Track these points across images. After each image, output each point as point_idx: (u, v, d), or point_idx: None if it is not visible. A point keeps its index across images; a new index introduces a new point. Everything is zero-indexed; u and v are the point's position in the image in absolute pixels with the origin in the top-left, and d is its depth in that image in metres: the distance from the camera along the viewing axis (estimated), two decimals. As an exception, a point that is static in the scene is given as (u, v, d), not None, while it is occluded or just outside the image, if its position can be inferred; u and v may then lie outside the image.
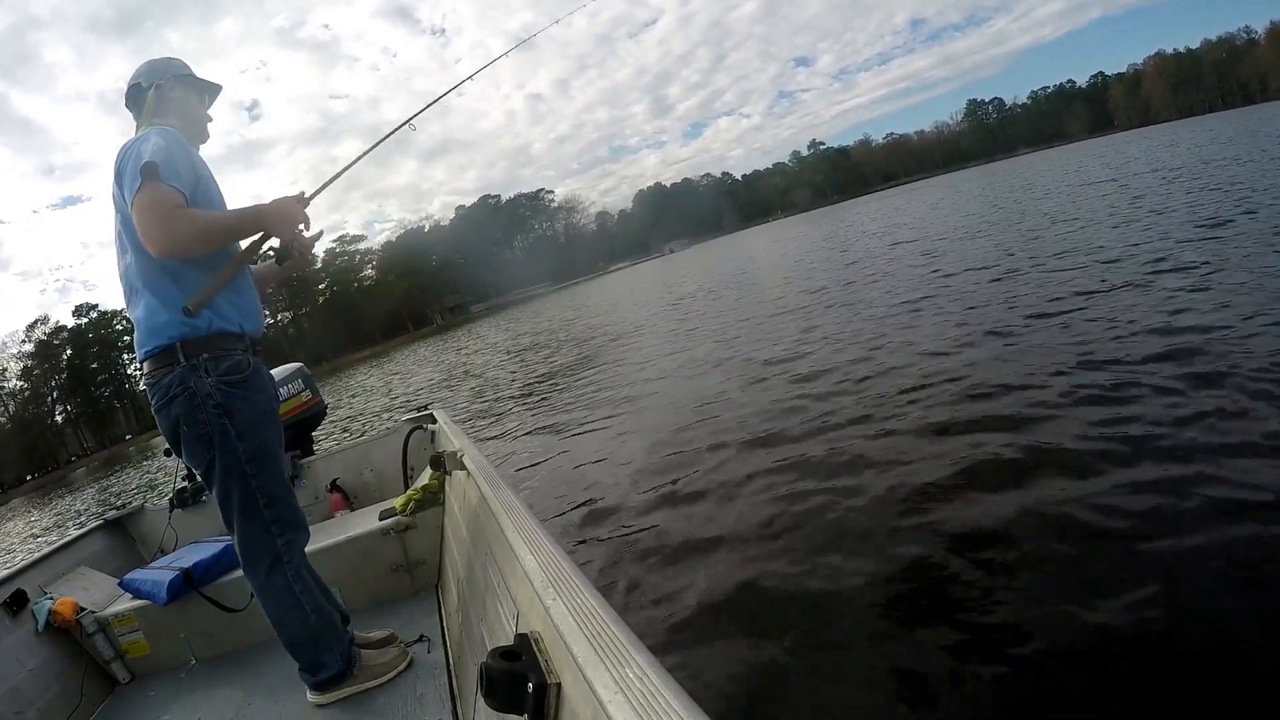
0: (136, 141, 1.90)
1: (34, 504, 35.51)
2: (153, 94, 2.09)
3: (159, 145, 1.86)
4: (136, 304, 1.96)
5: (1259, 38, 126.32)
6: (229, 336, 1.98)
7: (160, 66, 2.14)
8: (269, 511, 2.01)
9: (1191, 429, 3.34)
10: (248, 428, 1.96)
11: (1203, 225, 8.52)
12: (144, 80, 2.11)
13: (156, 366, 1.93)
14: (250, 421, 1.97)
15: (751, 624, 2.70)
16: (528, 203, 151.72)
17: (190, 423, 1.92)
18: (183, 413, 1.91)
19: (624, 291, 29.05)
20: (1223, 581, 2.29)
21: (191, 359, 1.90)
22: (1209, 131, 33.98)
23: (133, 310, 1.98)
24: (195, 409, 1.91)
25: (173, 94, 2.12)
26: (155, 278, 1.93)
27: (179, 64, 2.18)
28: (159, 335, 1.91)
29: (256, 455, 1.98)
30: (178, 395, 1.90)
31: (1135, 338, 4.89)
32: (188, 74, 2.18)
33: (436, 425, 3.32)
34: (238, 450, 1.94)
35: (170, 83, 2.12)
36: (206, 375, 1.91)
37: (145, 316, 1.93)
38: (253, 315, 2.09)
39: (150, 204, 1.79)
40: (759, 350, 8.09)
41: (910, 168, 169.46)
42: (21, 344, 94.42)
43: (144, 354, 1.95)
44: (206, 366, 1.91)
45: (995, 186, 31.30)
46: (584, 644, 0.81)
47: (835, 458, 4.11)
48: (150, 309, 1.93)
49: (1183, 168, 17.40)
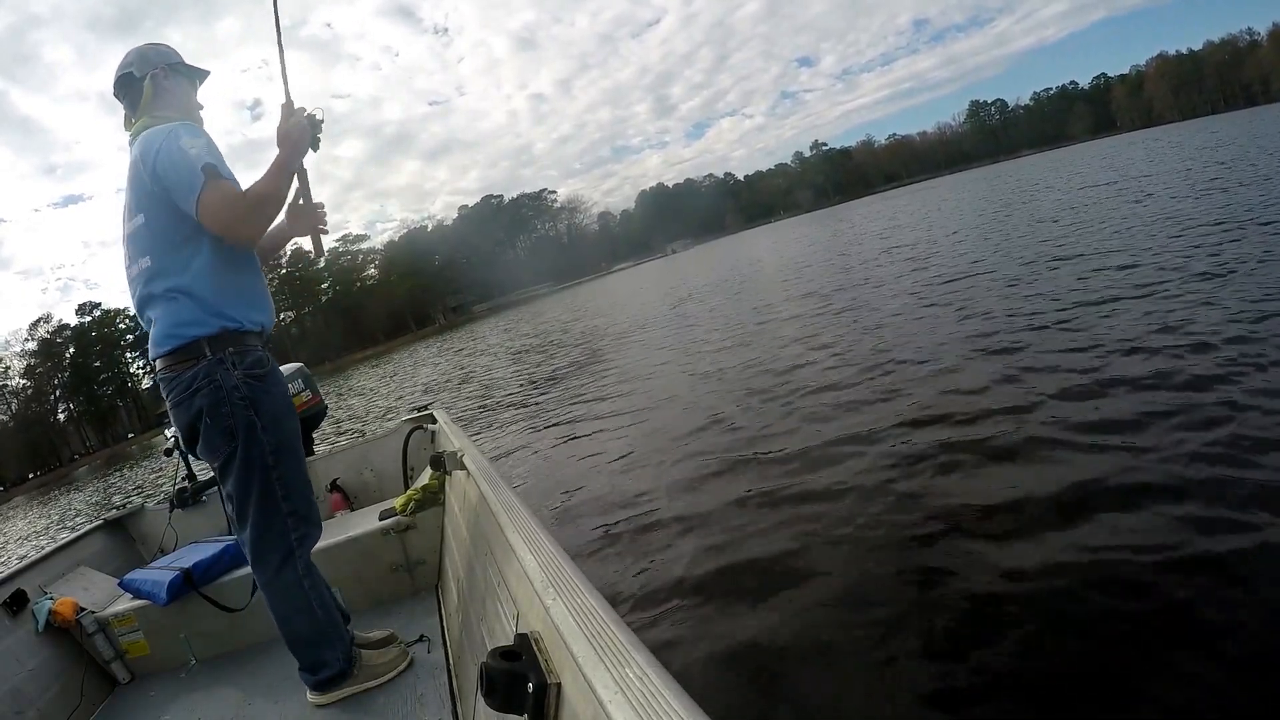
0: (167, 138, 1.88)
1: (37, 502, 35.57)
2: (148, 84, 2.06)
3: (201, 143, 1.88)
4: (158, 301, 1.94)
5: (1261, 39, 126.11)
6: (251, 333, 2.01)
7: (151, 55, 2.10)
8: (287, 504, 2.01)
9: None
10: (271, 421, 1.98)
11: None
12: (136, 70, 2.07)
13: (177, 361, 1.92)
14: (274, 415, 2.00)
15: (752, 624, 2.69)
16: (530, 203, 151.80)
17: (215, 415, 1.92)
18: (207, 405, 1.91)
19: (626, 292, 29.07)
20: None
21: (218, 353, 1.92)
22: (1213, 134, 33.89)
23: (152, 307, 1.96)
24: (220, 401, 1.91)
25: (168, 84, 2.09)
26: (183, 278, 1.92)
27: (169, 51, 2.14)
28: (184, 331, 1.91)
29: (279, 447, 2.00)
30: (202, 388, 1.90)
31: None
32: (178, 61, 2.14)
33: (436, 425, 3.32)
34: (263, 442, 1.96)
35: (164, 72, 2.09)
36: (233, 369, 1.93)
37: (169, 315, 1.92)
38: (268, 310, 2.12)
39: (224, 202, 1.84)
40: (760, 350, 8.09)
41: (913, 169, 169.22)
42: (25, 342, 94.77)
43: (164, 350, 1.93)
44: (233, 360, 1.93)
45: (999, 188, 31.27)
46: (584, 644, 0.81)
47: (837, 458, 4.11)
48: (175, 308, 1.92)
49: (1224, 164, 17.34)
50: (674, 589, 3.10)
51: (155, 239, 1.92)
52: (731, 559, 3.24)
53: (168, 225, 1.92)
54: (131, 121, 2.09)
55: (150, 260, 1.94)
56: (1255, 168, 14.04)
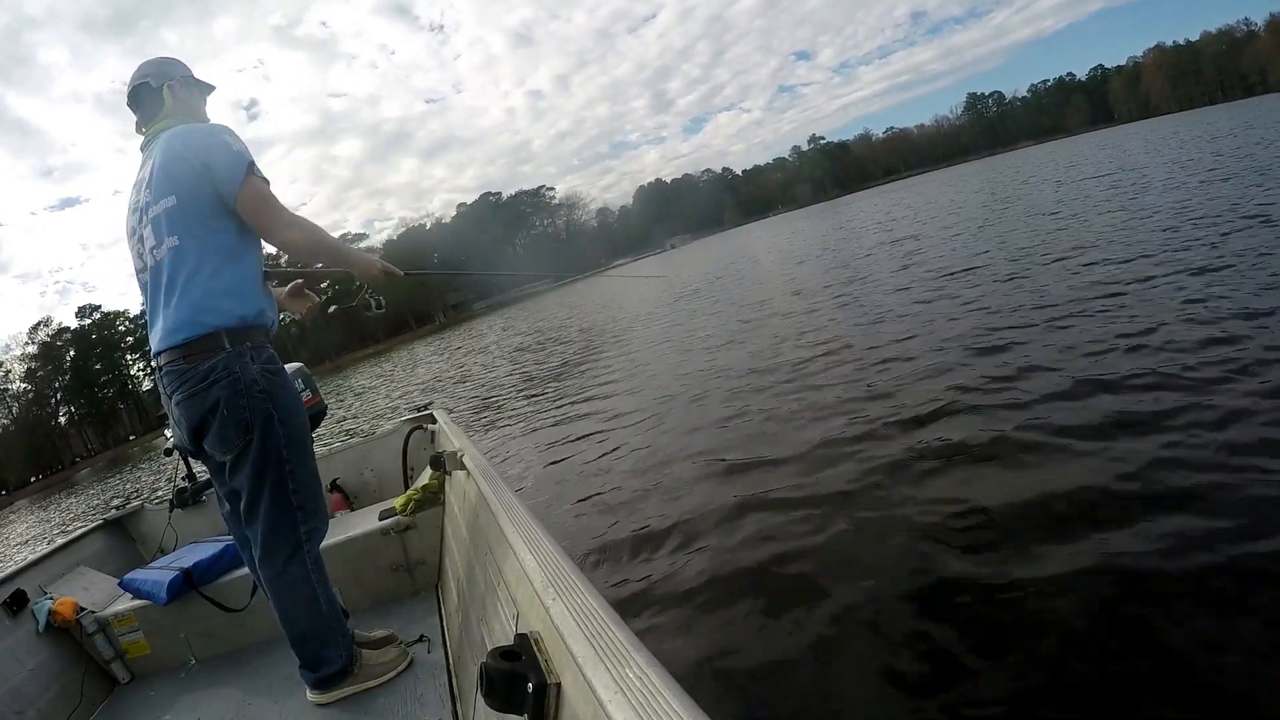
0: (217, 131, 2.00)
1: (38, 505, 35.57)
2: (167, 93, 2.13)
3: (244, 144, 1.99)
4: (173, 291, 1.93)
5: (1259, 30, 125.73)
6: (266, 328, 2.05)
7: (167, 67, 2.16)
8: (297, 498, 2.02)
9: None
10: (288, 414, 2.01)
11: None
12: (153, 80, 2.13)
13: (192, 352, 1.91)
14: (290, 409, 2.02)
15: (752, 624, 2.69)
16: (529, 200, 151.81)
17: (232, 407, 1.91)
18: (225, 396, 1.91)
19: (626, 287, 29.00)
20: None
21: (237, 345, 1.93)
22: (1208, 125, 33.84)
23: (167, 298, 1.95)
24: (239, 394, 1.91)
25: (183, 94, 2.16)
26: (210, 263, 1.94)
27: (182, 65, 2.22)
28: (205, 318, 1.91)
29: (294, 441, 2.02)
30: (220, 379, 1.90)
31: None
32: (188, 74, 2.21)
33: (436, 425, 3.32)
34: (278, 434, 1.97)
35: (179, 83, 2.15)
36: (253, 362, 1.95)
37: (191, 299, 1.92)
38: (273, 312, 2.15)
39: (263, 199, 1.96)
40: (761, 351, 8.09)
41: (910, 162, 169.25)
42: (25, 345, 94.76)
43: (179, 340, 1.91)
44: (252, 354, 1.96)
45: (996, 180, 31.21)
46: (584, 644, 0.81)
47: (839, 458, 4.10)
48: (199, 292, 1.92)
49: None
50: (674, 589, 3.10)
51: (190, 219, 1.93)
52: (732, 559, 3.23)
53: (203, 210, 1.94)
54: (143, 128, 2.14)
55: (179, 240, 1.93)
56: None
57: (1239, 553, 2.36)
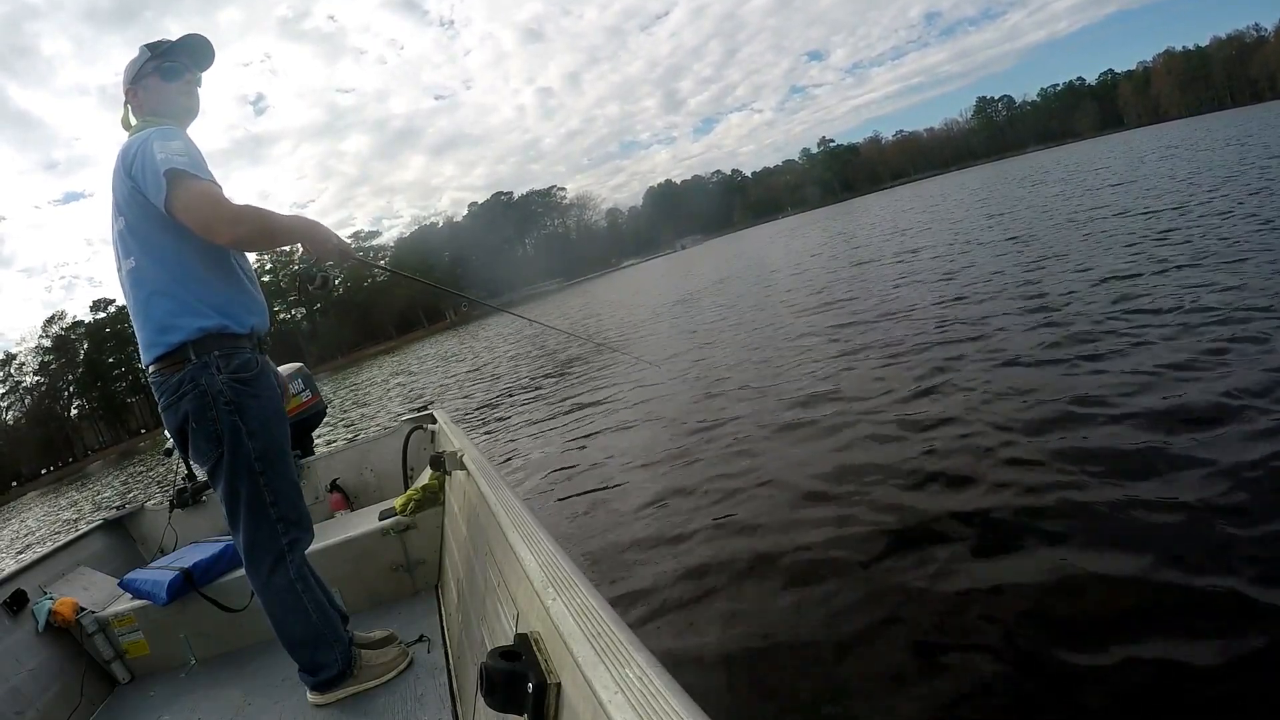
0: (143, 142, 1.87)
1: (49, 497, 35.82)
2: (130, 104, 2.09)
3: (174, 146, 1.84)
4: (143, 307, 1.95)
5: (1268, 35, 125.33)
6: (239, 335, 1.99)
7: (129, 69, 2.09)
8: (275, 510, 2.01)
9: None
10: (259, 426, 1.97)
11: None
12: (125, 84, 2.10)
13: (165, 366, 1.92)
14: (261, 419, 1.98)
15: (753, 624, 2.67)
16: (540, 199, 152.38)
17: (200, 420, 1.91)
18: (192, 410, 1.91)
19: (634, 288, 29.11)
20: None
21: (202, 356, 1.91)
22: (1222, 130, 33.67)
23: (138, 314, 1.96)
24: (205, 406, 1.90)
25: (144, 91, 2.08)
26: (165, 280, 1.92)
27: (140, 55, 2.09)
28: (169, 336, 1.91)
29: (266, 453, 1.98)
30: (187, 392, 1.90)
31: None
32: (146, 61, 2.07)
33: (436, 425, 3.31)
34: (248, 448, 1.94)
35: (138, 85, 2.08)
36: (218, 372, 1.92)
37: (154, 319, 1.92)
38: (260, 311, 2.10)
39: (200, 201, 1.81)
40: (762, 350, 8.07)
41: (920, 165, 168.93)
42: (39, 339, 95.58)
43: (153, 355, 1.94)
44: (218, 364, 1.92)
45: (1004, 183, 31.12)
46: (584, 644, 0.81)
47: (841, 459, 4.07)
48: (159, 311, 1.92)
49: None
50: (675, 589, 3.08)
51: (138, 240, 1.92)
52: (732, 559, 3.21)
53: (149, 227, 1.92)
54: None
55: (134, 261, 1.95)
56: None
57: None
